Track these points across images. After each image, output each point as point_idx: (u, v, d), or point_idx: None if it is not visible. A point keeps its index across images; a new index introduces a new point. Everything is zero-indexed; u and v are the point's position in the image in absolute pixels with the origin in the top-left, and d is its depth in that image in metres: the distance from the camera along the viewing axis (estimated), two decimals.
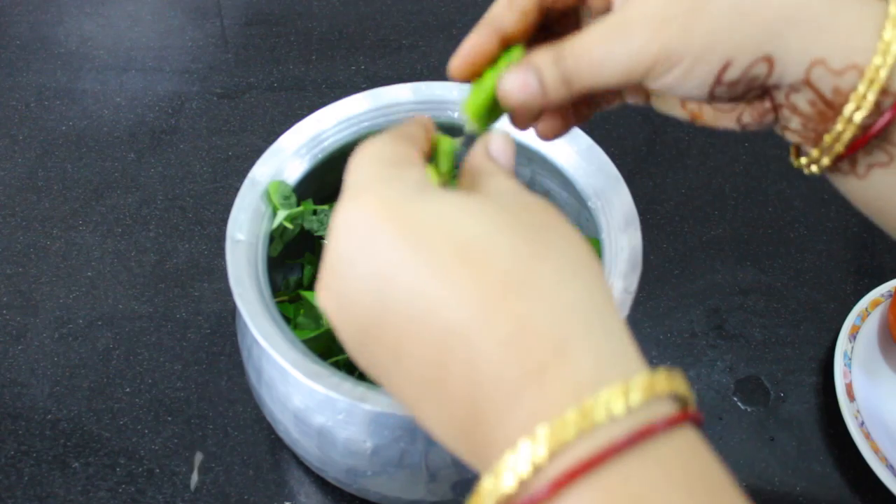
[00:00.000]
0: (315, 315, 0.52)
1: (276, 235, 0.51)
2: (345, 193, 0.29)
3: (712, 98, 0.33)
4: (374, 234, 0.27)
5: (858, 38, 0.31)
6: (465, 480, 0.47)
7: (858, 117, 0.32)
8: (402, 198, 0.28)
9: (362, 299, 0.28)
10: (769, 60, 0.32)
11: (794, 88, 0.33)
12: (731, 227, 0.72)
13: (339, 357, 0.51)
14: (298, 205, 0.52)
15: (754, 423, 0.61)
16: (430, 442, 0.46)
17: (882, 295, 0.65)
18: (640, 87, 0.38)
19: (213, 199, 0.72)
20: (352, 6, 0.88)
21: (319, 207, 0.54)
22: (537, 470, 0.24)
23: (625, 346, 0.26)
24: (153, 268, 0.68)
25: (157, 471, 0.58)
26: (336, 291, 0.29)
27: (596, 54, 0.33)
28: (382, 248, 0.27)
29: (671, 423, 0.24)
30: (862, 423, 0.59)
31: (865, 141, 0.32)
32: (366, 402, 0.42)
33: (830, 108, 0.32)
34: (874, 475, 0.57)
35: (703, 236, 0.71)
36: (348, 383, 0.43)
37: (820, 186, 0.74)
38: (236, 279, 0.46)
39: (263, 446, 0.59)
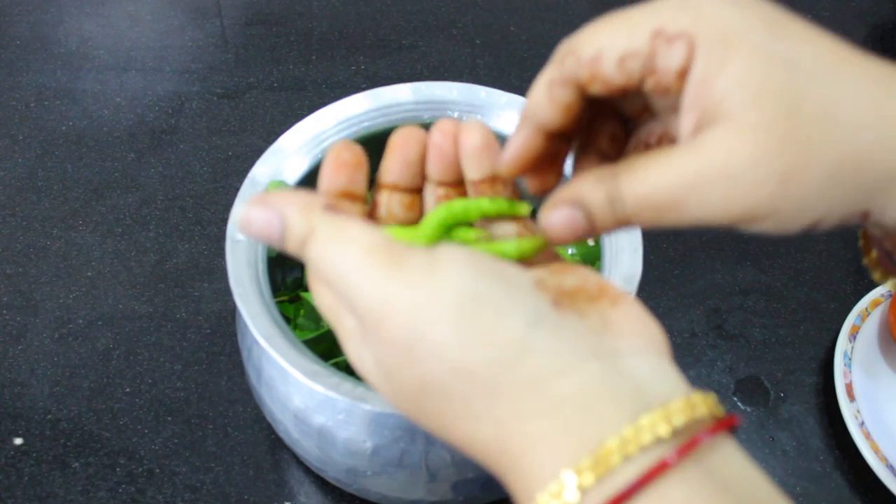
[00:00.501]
0: (315, 316, 0.52)
1: None
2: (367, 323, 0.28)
3: (804, 233, 0.30)
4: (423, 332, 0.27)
5: None
6: (465, 480, 0.47)
7: None
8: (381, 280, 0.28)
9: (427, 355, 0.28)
10: (865, 215, 0.28)
11: (884, 227, 0.29)
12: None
13: (340, 357, 0.51)
14: None
15: (754, 423, 0.61)
16: (430, 442, 0.46)
17: (882, 295, 0.65)
18: None
19: (213, 199, 0.72)
20: (352, 6, 0.88)
21: None
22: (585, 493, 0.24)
23: (662, 370, 0.27)
24: (153, 268, 0.68)
25: (157, 471, 0.58)
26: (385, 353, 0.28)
27: (662, 204, 0.28)
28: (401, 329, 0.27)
29: (714, 432, 0.25)
30: (862, 423, 0.59)
31: None
32: (366, 402, 0.42)
33: None
34: (874, 475, 0.57)
35: (703, 236, 0.71)
36: (348, 383, 0.43)
37: None
38: (236, 279, 0.46)
39: (263, 446, 0.59)
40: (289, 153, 0.52)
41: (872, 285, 0.66)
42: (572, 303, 0.28)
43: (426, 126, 0.55)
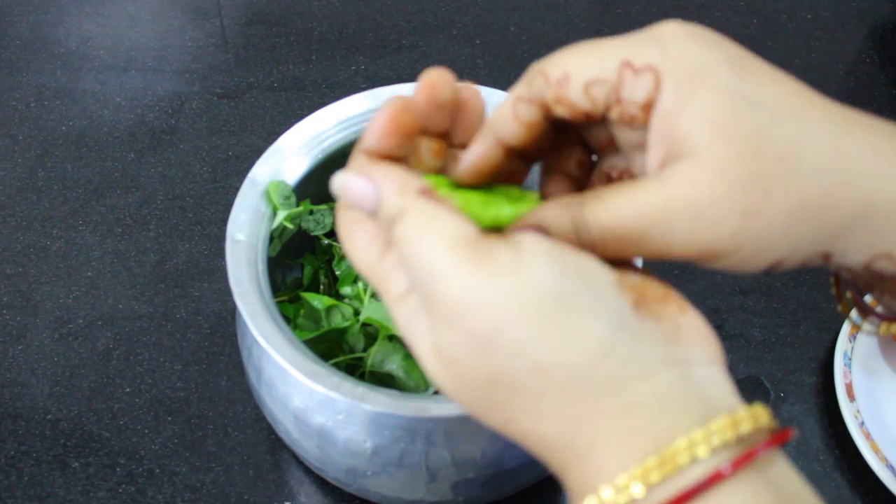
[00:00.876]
0: (315, 316, 0.52)
1: (275, 235, 0.51)
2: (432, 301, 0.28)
3: (766, 273, 0.31)
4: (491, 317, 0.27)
5: None
6: (465, 480, 0.47)
7: None
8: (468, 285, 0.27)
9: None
10: (826, 256, 0.29)
11: (849, 269, 0.30)
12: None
13: (340, 358, 0.51)
14: (298, 205, 0.52)
15: None
16: (430, 442, 0.46)
17: None
18: None
19: (213, 199, 0.72)
20: (352, 6, 0.87)
21: (317, 207, 0.54)
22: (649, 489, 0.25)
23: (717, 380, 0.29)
24: (153, 268, 0.68)
25: (157, 471, 0.58)
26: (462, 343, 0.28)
27: (626, 235, 0.28)
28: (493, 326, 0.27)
29: (769, 446, 0.26)
30: (862, 423, 0.59)
31: None
32: (366, 402, 0.42)
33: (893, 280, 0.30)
34: (874, 475, 0.57)
35: None
36: (348, 383, 0.43)
37: None
38: (236, 279, 0.46)
39: (263, 446, 0.59)
40: (289, 153, 0.52)
41: None
42: (649, 306, 0.29)
43: None
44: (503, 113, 0.31)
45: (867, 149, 0.28)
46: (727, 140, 0.27)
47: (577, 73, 0.29)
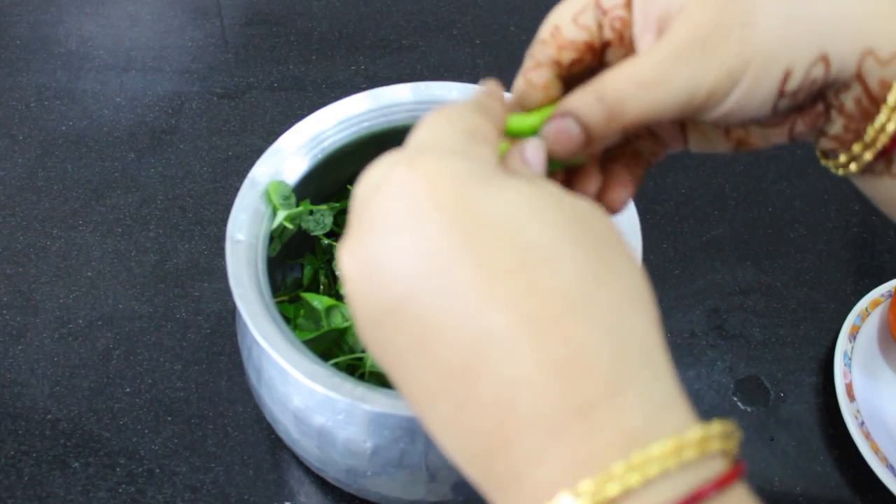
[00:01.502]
0: (315, 316, 0.52)
1: (275, 235, 0.51)
2: (405, 150, 0.26)
3: (775, 114, 0.32)
4: (429, 208, 0.25)
5: None
6: (465, 481, 0.47)
7: None
8: (469, 176, 0.25)
9: (395, 274, 0.25)
10: (825, 59, 0.30)
11: (845, 86, 0.31)
12: (731, 227, 0.72)
13: (340, 358, 0.51)
14: (298, 205, 0.52)
15: (754, 423, 0.61)
16: (430, 442, 0.46)
17: (882, 295, 0.65)
18: (676, 128, 0.36)
19: (213, 199, 0.72)
20: (352, 6, 0.87)
21: (316, 208, 0.54)
22: None
23: (675, 394, 0.24)
24: (153, 268, 0.68)
25: (157, 471, 0.58)
26: (365, 258, 0.25)
27: (646, 80, 0.30)
28: (435, 227, 0.24)
29: (723, 483, 0.22)
30: (862, 423, 0.59)
31: None
32: (366, 402, 0.42)
33: (874, 103, 0.31)
34: (874, 475, 0.57)
35: (703, 236, 0.71)
36: (348, 383, 0.43)
37: (820, 186, 0.74)
38: (236, 279, 0.46)
39: (263, 446, 0.59)
40: (289, 153, 0.52)
41: (872, 285, 0.66)
42: None
43: None
44: (521, 87, 0.34)
45: None
46: None
47: (562, 18, 0.32)
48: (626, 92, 0.30)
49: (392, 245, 0.25)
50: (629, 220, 0.50)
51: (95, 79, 0.80)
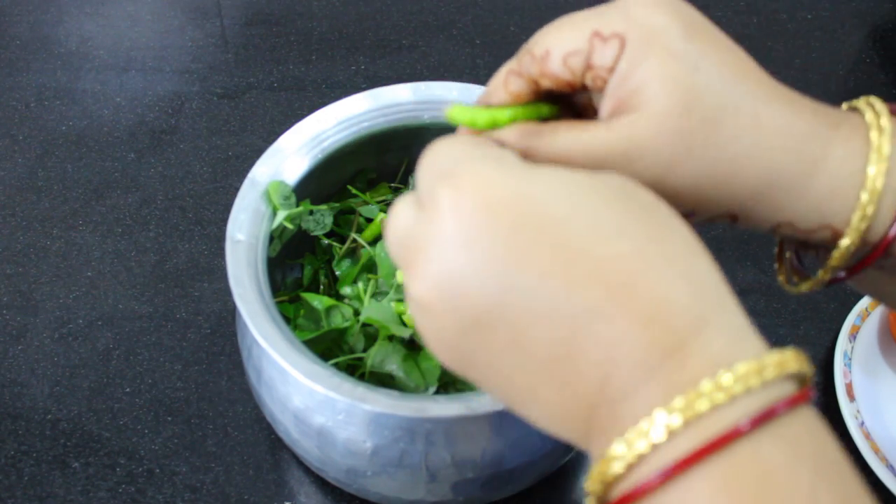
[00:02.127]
0: (315, 316, 0.52)
1: (275, 235, 0.51)
2: (440, 179, 0.28)
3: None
4: (488, 216, 0.26)
5: (833, 203, 0.31)
6: (465, 481, 0.47)
7: (845, 261, 0.32)
8: (509, 176, 0.27)
9: (475, 287, 0.26)
10: (733, 217, 0.33)
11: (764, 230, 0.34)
12: (731, 227, 0.72)
13: (340, 358, 0.51)
14: (298, 205, 0.52)
15: None
16: (430, 442, 0.46)
17: None
18: None
19: (213, 199, 0.72)
20: (352, 6, 0.87)
21: (317, 208, 0.54)
22: (672, 437, 0.24)
23: (747, 326, 0.27)
24: (153, 268, 0.68)
25: (157, 471, 0.58)
26: (439, 280, 0.27)
27: (577, 163, 0.32)
28: (500, 232, 0.26)
29: (796, 401, 0.25)
30: (862, 423, 0.59)
31: (858, 270, 0.33)
32: (366, 402, 0.42)
33: (807, 246, 0.34)
34: (874, 475, 0.57)
35: (703, 236, 0.71)
36: (348, 383, 0.43)
37: None
38: (236, 279, 0.46)
39: (263, 446, 0.59)
40: (289, 153, 0.52)
41: None
42: None
43: (425, 127, 0.55)
44: (495, 85, 0.35)
45: (782, 123, 0.31)
46: (666, 95, 0.30)
47: (556, 48, 0.32)
48: (566, 155, 0.32)
49: (464, 261, 0.27)
50: None
51: (95, 79, 0.80)
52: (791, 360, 0.25)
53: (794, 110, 0.31)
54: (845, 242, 0.32)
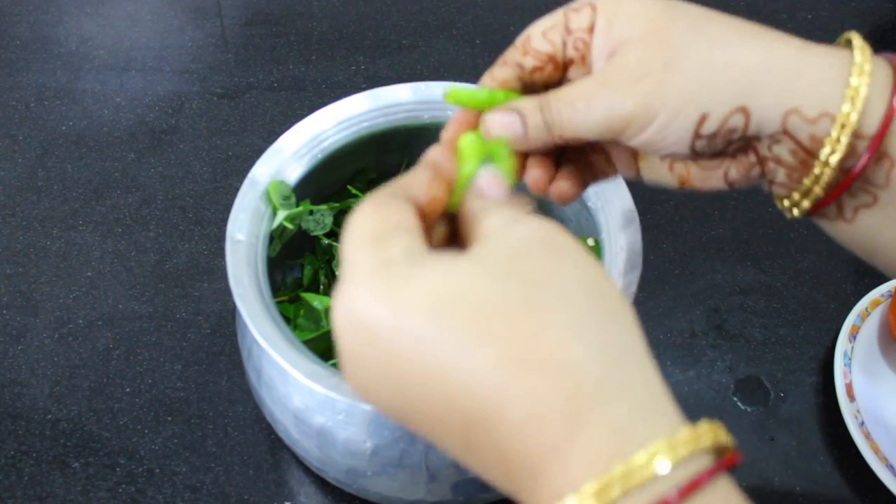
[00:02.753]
0: (315, 316, 0.52)
1: (275, 235, 0.51)
2: (338, 286, 0.29)
3: (694, 153, 0.34)
4: (372, 329, 0.27)
5: (828, 87, 0.32)
6: (465, 481, 0.47)
7: (834, 160, 0.33)
8: (389, 285, 0.28)
9: (384, 389, 0.28)
10: (745, 111, 0.33)
11: (774, 139, 0.34)
12: (731, 227, 0.72)
13: None
14: (298, 205, 0.52)
15: (754, 423, 0.61)
16: (430, 442, 0.46)
17: (882, 295, 0.65)
18: (628, 155, 0.39)
19: (213, 199, 0.72)
20: (352, 6, 0.87)
21: (317, 208, 0.54)
22: None
23: (662, 397, 0.26)
24: (153, 268, 0.68)
25: (157, 471, 0.58)
26: (359, 383, 0.29)
27: (578, 106, 0.34)
28: (383, 341, 0.27)
29: (712, 475, 0.25)
30: (862, 423, 0.59)
31: (847, 184, 0.33)
32: (366, 403, 0.42)
33: (811, 155, 0.33)
34: (874, 475, 0.57)
35: (703, 236, 0.71)
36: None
37: None
38: (236, 279, 0.46)
39: (263, 446, 0.59)
40: (289, 153, 0.52)
41: (872, 285, 0.66)
42: None
43: (425, 127, 0.55)
44: (483, 79, 0.38)
45: (758, 29, 0.34)
46: (646, 22, 0.33)
47: (535, 29, 0.37)
48: (559, 109, 0.35)
49: (366, 368, 0.28)
50: (629, 219, 0.50)
51: (95, 79, 0.80)
52: (705, 434, 0.25)
53: (765, 30, 0.34)
54: (835, 133, 0.32)
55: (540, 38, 0.36)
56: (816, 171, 0.33)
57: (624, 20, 0.34)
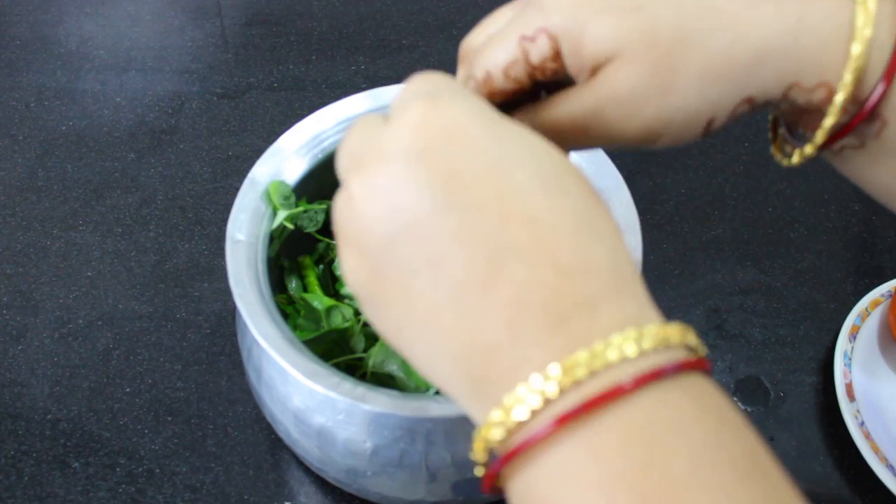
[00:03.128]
0: (315, 316, 0.52)
1: (276, 235, 0.51)
2: (417, 98, 0.28)
3: (706, 136, 0.35)
4: (449, 141, 0.27)
5: (825, 57, 0.32)
6: (465, 480, 0.47)
7: (827, 124, 0.33)
8: (480, 117, 0.28)
9: (416, 198, 0.27)
10: (750, 100, 0.33)
11: (774, 104, 0.34)
12: (731, 227, 0.72)
13: (340, 358, 0.51)
14: (298, 205, 0.52)
15: (754, 423, 0.61)
16: (430, 442, 0.46)
17: (882, 295, 0.65)
18: None
19: (213, 199, 0.72)
20: (352, 6, 0.87)
21: (310, 206, 0.54)
22: (547, 404, 0.24)
23: (641, 297, 0.27)
24: (153, 268, 0.68)
25: (157, 471, 0.58)
26: (384, 184, 0.27)
27: (572, 128, 0.34)
28: (456, 158, 0.27)
29: (680, 368, 0.25)
30: (862, 423, 0.59)
31: (849, 130, 0.33)
32: (366, 402, 0.42)
33: (807, 111, 0.34)
34: (874, 475, 0.57)
35: (703, 236, 0.71)
36: (348, 383, 0.43)
37: (820, 186, 0.74)
38: (236, 279, 0.46)
39: (263, 446, 0.59)
40: (289, 153, 0.52)
41: (872, 285, 0.66)
42: None
43: None
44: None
45: (741, 5, 0.32)
46: (626, 41, 0.32)
47: (494, 67, 0.34)
48: (551, 132, 0.33)
49: (412, 171, 0.27)
50: (629, 219, 0.50)
51: (95, 79, 0.80)
52: (674, 331, 0.26)
53: None
54: (839, 98, 0.32)
55: (503, 79, 0.34)
56: (823, 128, 0.33)
57: (593, 43, 0.32)
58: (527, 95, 0.36)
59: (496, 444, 0.25)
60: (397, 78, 0.80)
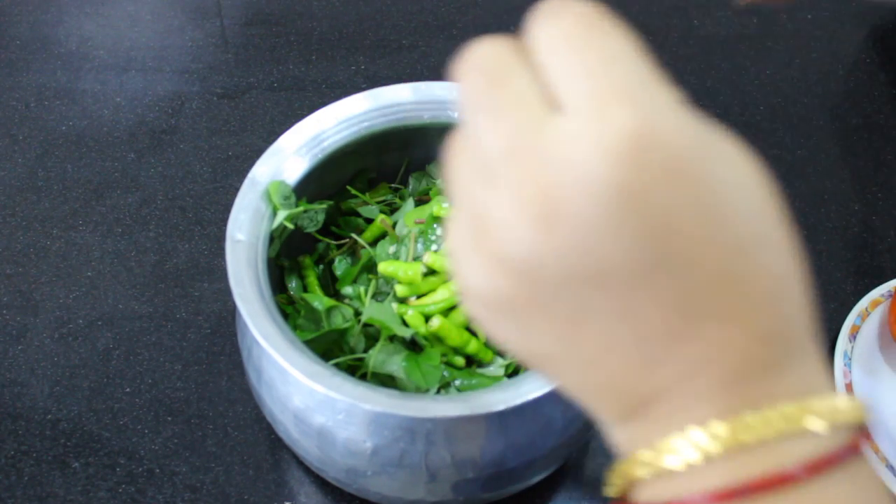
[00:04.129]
0: (315, 317, 0.52)
1: (276, 235, 0.51)
2: (620, 103, 0.22)
3: None
4: (693, 172, 0.22)
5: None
6: (465, 480, 0.47)
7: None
8: (698, 129, 0.24)
9: (611, 246, 0.22)
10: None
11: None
12: None
13: (340, 358, 0.51)
14: (298, 205, 0.52)
15: None
16: (430, 442, 0.46)
17: (882, 295, 0.65)
18: None
19: (213, 199, 0.72)
20: (352, 6, 0.87)
21: (310, 206, 0.54)
22: (707, 461, 0.22)
23: (819, 365, 0.25)
24: (153, 268, 0.68)
25: (157, 471, 0.58)
26: (569, 229, 0.22)
27: None
28: (700, 192, 0.22)
29: (851, 453, 0.23)
30: None
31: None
32: (366, 402, 0.42)
33: None
34: None
35: None
36: (348, 383, 0.43)
37: (820, 186, 0.74)
38: (236, 279, 0.46)
39: (263, 446, 0.59)
40: (289, 153, 0.52)
41: (872, 285, 0.66)
42: None
43: (425, 127, 0.55)
44: None
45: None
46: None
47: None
48: None
49: (619, 219, 0.22)
50: None
51: (95, 79, 0.80)
52: (857, 407, 0.23)
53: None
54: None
55: None
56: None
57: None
58: None
59: (638, 479, 0.24)
60: (397, 78, 0.80)
